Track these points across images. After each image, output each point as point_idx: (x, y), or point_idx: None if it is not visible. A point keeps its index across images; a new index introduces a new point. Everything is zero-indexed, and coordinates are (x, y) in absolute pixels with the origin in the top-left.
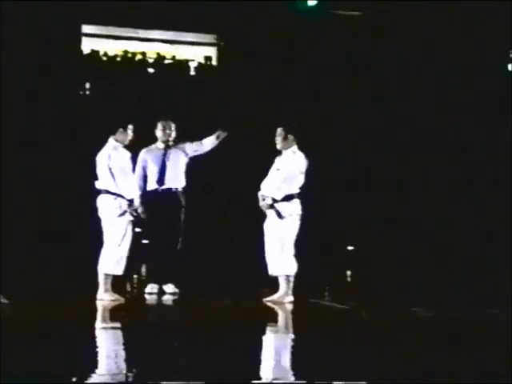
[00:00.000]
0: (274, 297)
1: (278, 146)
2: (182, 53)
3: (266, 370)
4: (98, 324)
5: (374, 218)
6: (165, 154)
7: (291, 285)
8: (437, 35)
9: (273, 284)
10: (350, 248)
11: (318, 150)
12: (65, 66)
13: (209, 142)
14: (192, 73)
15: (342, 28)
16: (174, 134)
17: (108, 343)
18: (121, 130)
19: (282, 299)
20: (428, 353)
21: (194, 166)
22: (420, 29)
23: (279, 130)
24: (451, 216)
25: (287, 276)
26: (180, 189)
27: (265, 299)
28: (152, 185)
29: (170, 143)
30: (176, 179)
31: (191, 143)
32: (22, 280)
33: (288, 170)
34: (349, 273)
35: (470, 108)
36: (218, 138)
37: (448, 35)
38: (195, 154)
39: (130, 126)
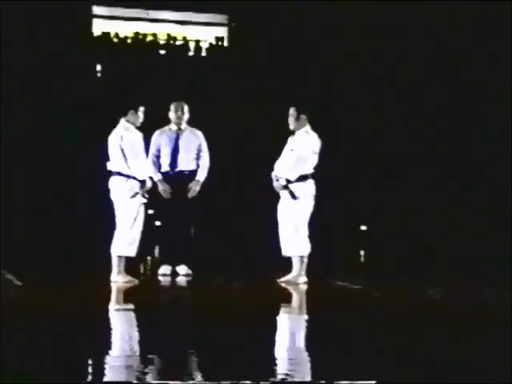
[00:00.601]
0: (288, 277)
1: (291, 127)
2: (193, 34)
3: (281, 352)
4: (112, 306)
5: (387, 197)
6: (178, 136)
7: (305, 265)
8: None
9: (286, 265)
10: (363, 228)
11: (331, 129)
12: (75, 48)
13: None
14: (203, 54)
15: (354, 7)
16: (186, 116)
17: (122, 325)
18: (132, 111)
19: (296, 280)
20: (440, 334)
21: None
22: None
23: (291, 110)
24: (464, 195)
25: (301, 257)
26: (193, 171)
27: (279, 280)
28: (165, 167)
29: (183, 125)
30: (189, 161)
31: (202, 152)
32: (35, 262)
33: (301, 150)
34: (362, 253)
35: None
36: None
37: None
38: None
39: (142, 108)
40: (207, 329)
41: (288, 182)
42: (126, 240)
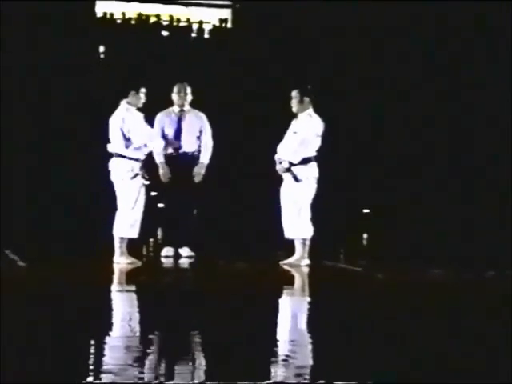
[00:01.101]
0: (291, 260)
1: (294, 109)
2: (196, 15)
3: (283, 334)
4: (115, 287)
5: (389, 180)
6: (180, 118)
7: (307, 248)
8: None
9: (288, 247)
10: (365, 211)
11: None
12: (79, 29)
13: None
14: (206, 35)
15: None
16: (189, 98)
17: (124, 306)
18: (133, 92)
19: (299, 262)
20: (441, 315)
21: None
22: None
23: (294, 93)
24: (465, 177)
25: (303, 239)
26: (196, 152)
27: (281, 262)
28: (167, 148)
29: (186, 107)
30: (192, 143)
31: (205, 134)
32: (36, 243)
33: (304, 133)
34: (365, 236)
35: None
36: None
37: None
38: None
39: (143, 90)
40: (209, 310)
41: (291, 164)
42: (127, 221)
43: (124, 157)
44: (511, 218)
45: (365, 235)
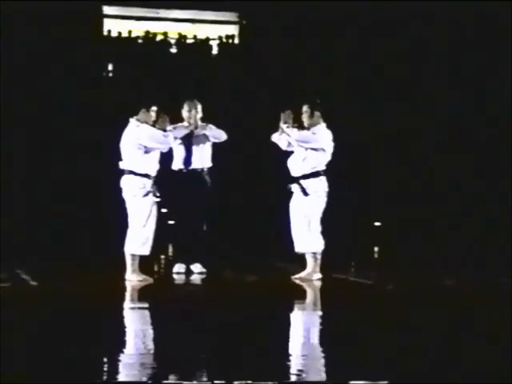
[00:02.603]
0: (302, 274)
1: (305, 124)
2: (203, 32)
3: (295, 348)
4: (127, 304)
5: (400, 192)
6: (191, 135)
7: (318, 262)
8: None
9: (300, 261)
10: (376, 224)
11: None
12: (86, 48)
13: (225, 136)
14: (214, 52)
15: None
16: (200, 115)
17: (136, 323)
18: (143, 110)
19: (310, 276)
20: (454, 327)
21: (219, 144)
22: None
23: (305, 108)
24: (478, 190)
25: (314, 253)
26: (206, 169)
27: (293, 277)
28: (178, 165)
29: (196, 124)
30: (202, 160)
31: (211, 130)
32: (49, 262)
33: (314, 146)
34: (376, 249)
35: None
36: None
37: None
38: (215, 141)
39: (154, 108)
40: (222, 325)
41: (298, 178)
42: (139, 239)
43: (136, 174)
44: None
45: (376, 248)
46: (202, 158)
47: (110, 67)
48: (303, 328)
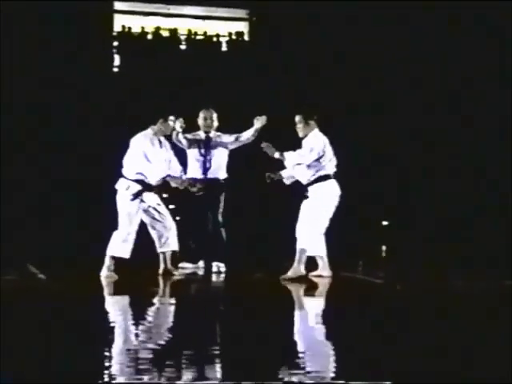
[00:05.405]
0: (314, 273)
1: (301, 134)
2: (213, 28)
3: (304, 345)
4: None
5: (409, 191)
6: (207, 144)
7: (326, 259)
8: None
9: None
10: (384, 223)
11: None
12: (97, 44)
13: (246, 136)
14: (224, 48)
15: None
16: (215, 124)
17: (143, 320)
18: (161, 120)
19: (321, 273)
20: (463, 326)
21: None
22: None
23: (298, 118)
24: (489, 189)
25: (320, 256)
26: (222, 179)
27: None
28: (193, 173)
29: (212, 133)
30: (218, 170)
31: (230, 136)
32: (59, 257)
33: (314, 152)
34: (384, 248)
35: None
36: (256, 132)
37: None
38: (235, 147)
39: (171, 117)
40: (236, 322)
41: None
42: (118, 239)
43: (128, 179)
44: None
45: (384, 247)
46: (219, 168)
47: (120, 63)
48: (309, 325)
